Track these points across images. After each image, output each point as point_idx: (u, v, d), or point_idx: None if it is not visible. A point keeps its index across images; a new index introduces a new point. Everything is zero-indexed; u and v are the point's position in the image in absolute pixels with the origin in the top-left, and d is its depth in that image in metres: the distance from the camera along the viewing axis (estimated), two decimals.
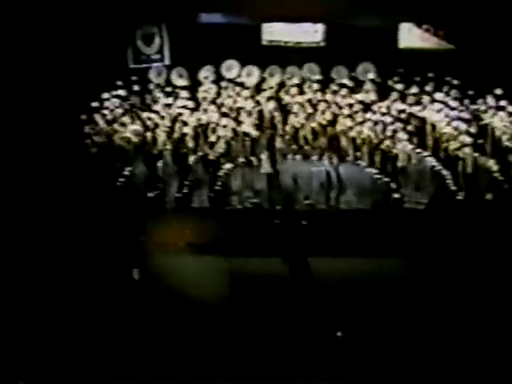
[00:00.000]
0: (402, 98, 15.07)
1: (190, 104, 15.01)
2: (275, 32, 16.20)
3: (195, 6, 15.63)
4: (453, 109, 14.57)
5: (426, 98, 14.94)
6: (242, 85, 15.47)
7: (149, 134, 14.50)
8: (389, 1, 15.38)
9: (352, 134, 14.42)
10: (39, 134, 13.89)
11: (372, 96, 15.17)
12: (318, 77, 15.54)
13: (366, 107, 14.87)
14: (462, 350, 10.12)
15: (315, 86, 15.32)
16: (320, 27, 16.08)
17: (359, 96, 15.16)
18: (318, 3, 15.42)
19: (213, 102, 15.13)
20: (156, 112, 14.88)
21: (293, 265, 11.87)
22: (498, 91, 14.66)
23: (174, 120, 14.71)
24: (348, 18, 15.72)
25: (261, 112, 14.90)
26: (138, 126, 14.50)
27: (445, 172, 13.69)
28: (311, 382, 9.65)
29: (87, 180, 13.41)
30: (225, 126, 14.47)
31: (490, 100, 14.70)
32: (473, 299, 11.27)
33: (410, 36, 16.01)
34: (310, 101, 15.04)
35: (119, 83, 15.20)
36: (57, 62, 14.76)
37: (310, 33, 16.18)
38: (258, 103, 15.09)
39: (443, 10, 15.27)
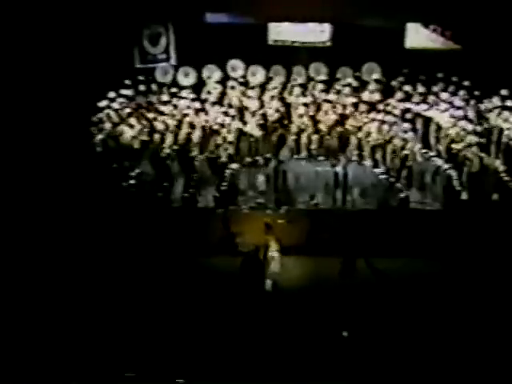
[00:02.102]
0: (409, 98, 15.05)
1: (196, 104, 15.02)
2: (281, 32, 16.18)
3: (201, 5, 15.63)
4: (459, 109, 14.53)
5: (432, 98, 14.92)
6: (247, 84, 15.49)
7: (155, 134, 14.51)
8: (396, 1, 15.35)
9: (358, 134, 14.40)
10: (45, 134, 13.93)
11: (378, 96, 15.15)
12: (324, 77, 15.54)
13: (373, 107, 14.85)
14: (469, 349, 10.09)
15: (321, 86, 15.32)
16: (326, 27, 16.06)
17: (365, 96, 15.15)
18: (324, 3, 15.41)
19: (218, 101, 15.14)
20: (162, 112, 14.89)
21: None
22: (504, 91, 14.64)
23: (180, 120, 14.73)
24: (355, 18, 15.69)
25: (266, 112, 14.93)
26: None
27: (451, 172, 13.66)
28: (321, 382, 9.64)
29: (94, 179, 13.43)
30: (228, 126, 14.47)
31: (496, 100, 14.68)
32: (480, 300, 11.24)
33: (417, 36, 15.98)
34: (315, 101, 15.04)
35: (125, 83, 15.22)
36: (63, 61, 14.80)
37: (317, 33, 16.16)
38: (263, 103, 15.11)
39: (450, 10, 15.24)
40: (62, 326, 10.44)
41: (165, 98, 15.16)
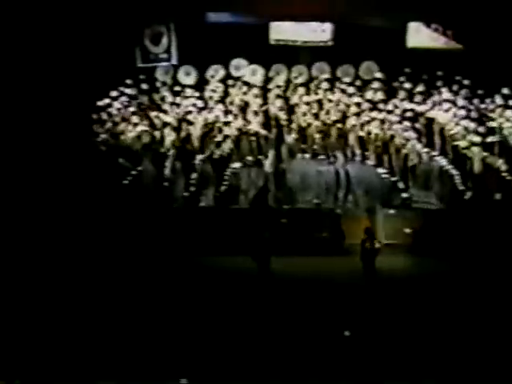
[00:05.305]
0: (410, 97, 15.06)
1: (198, 103, 15.02)
2: (283, 31, 16.14)
3: (203, 5, 15.61)
4: (461, 108, 14.54)
5: (434, 98, 14.93)
6: (249, 84, 15.49)
7: (157, 133, 14.51)
8: (397, 1, 15.34)
9: (360, 133, 14.40)
10: (48, 132, 13.92)
11: (380, 95, 15.15)
12: (325, 76, 15.53)
13: (374, 106, 14.85)
14: (471, 349, 10.05)
15: (323, 85, 15.31)
16: (328, 26, 16.02)
17: (367, 95, 15.15)
18: (326, 2, 15.40)
19: (220, 100, 15.14)
20: (164, 111, 14.89)
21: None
22: (506, 90, 14.67)
23: (182, 119, 14.73)
24: (356, 17, 15.67)
25: (268, 111, 14.95)
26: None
27: (454, 171, 13.67)
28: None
29: (95, 178, 13.43)
30: (228, 124, 14.46)
31: (498, 99, 14.69)
32: (483, 299, 11.23)
33: (419, 36, 15.96)
34: (317, 100, 15.03)
35: (127, 82, 15.23)
36: (66, 60, 14.78)
37: (318, 32, 16.12)
38: (265, 102, 15.12)
39: (452, 9, 15.23)
40: (62, 325, 10.40)
41: (167, 96, 15.16)
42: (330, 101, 14.97)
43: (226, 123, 14.57)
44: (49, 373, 9.26)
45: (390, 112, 14.67)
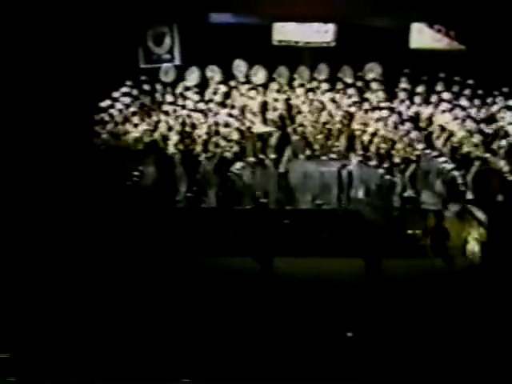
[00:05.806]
0: (413, 98, 15.04)
1: (200, 104, 15.03)
2: (286, 32, 16.13)
3: (206, 5, 15.62)
4: (464, 109, 14.52)
5: (436, 98, 14.91)
6: (251, 85, 15.50)
7: (159, 134, 14.53)
8: (400, 1, 15.33)
9: (362, 134, 14.39)
10: (49, 133, 13.96)
11: (382, 96, 15.13)
12: (328, 77, 15.52)
13: (377, 107, 14.84)
14: (474, 350, 10.04)
15: (325, 86, 15.31)
16: (331, 27, 15.99)
17: (369, 96, 15.14)
18: (328, 3, 15.40)
19: (222, 102, 15.15)
20: (166, 112, 14.90)
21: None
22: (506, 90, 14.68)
23: (184, 120, 14.75)
24: (359, 18, 15.67)
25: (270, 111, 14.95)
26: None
27: (455, 173, 13.65)
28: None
29: (97, 179, 13.45)
30: (228, 126, 14.47)
31: (501, 100, 14.68)
32: (484, 302, 11.21)
33: (422, 36, 15.93)
34: (319, 101, 15.03)
35: (129, 83, 15.25)
36: (68, 61, 14.81)
37: (321, 33, 16.09)
38: (267, 103, 15.13)
39: (455, 10, 15.22)
40: (62, 325, 10.43)
41: (169, 98, 15.17)
42: (334, 101, 14.97)
43: (229, 124, 14.58)
44: (47, 372, 9.29)
45: (393, 113, 14.66)
